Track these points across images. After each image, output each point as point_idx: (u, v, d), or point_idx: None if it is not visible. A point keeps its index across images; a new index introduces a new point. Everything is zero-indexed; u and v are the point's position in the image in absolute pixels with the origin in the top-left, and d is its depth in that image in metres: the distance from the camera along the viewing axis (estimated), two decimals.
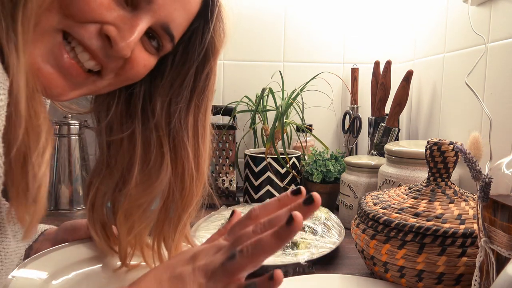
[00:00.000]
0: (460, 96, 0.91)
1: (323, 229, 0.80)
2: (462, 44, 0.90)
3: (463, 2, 0.87)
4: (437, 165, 0.65)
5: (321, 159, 1.06)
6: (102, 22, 0.44)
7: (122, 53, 0.46)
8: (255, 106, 1.14)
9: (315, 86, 1.17)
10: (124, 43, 0.45)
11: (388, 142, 1.06)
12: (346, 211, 0.95)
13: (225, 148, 1.13)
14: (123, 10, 0.46)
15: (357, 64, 1.27)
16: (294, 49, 1.29)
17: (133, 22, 0.46)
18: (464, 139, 0.74)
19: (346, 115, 1.27)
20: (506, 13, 0.75)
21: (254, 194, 1.08)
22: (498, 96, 0.76)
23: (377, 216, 0.63)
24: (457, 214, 0.60)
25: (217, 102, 1.26)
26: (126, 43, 0.46)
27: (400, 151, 0.82)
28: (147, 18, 0.47)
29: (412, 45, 1.20)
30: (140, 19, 0.47)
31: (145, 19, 0.47)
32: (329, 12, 1.28)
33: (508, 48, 0.74)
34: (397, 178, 0.81)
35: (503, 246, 0.45)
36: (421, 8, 1.15)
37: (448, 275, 0.58)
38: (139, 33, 0.47)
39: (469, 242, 0.57)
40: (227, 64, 1.28)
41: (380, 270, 0.63)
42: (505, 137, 0.73)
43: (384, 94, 1.15)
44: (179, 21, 0.51)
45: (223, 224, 0.84)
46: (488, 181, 0.46)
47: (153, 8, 0.47)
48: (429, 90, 1.08)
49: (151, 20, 0.48)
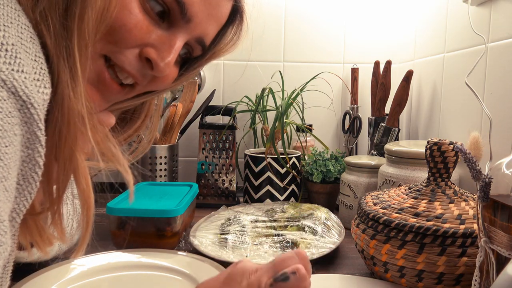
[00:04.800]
0: (460, 96, 0.91)
1: (323, 229, 0.80)
2: (462, 44, 0.90)
3: (463, 2, 0.87)
4: (437, 165, 0.65)
5: (321, 159, 1.06)
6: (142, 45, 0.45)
7: (162, 74, 0.47)
8: (255, 106, 1.14)
9: (315, 86, 1.17)
10: (163, 64, 0.46)
11: (388, 142, 1.06)
12: (346, 211, 0.95)
13: (225, 148, 1.13)
14: (160, 29, 0.47)
15: (357, 64, 1.27)
16: (294, 49, 1.29)
17: (171, 41, 0.47)
18: (464, 139, 0.74)
19: (346, 115, 1.27)
20: (506, 13, 0.75)
21: (254, 194, 1.08)
22: (498, 96, 0.76)
23: (377, 216, 0.63)
24: (457, 214, 0.60)
25: (217, 102, 1.26)
26: (165, 63, 0.47)
27: (400, 151, 0.82)
28: (184, 36, 0.48)
29: (412, 45, 1.20)
30: (177, 37, 0.47)
31: (182, 37, 0.48)
32: (329, 12, 1.28)
33: (508, 48, 0.74)
34: (397, 178, 0.81)
35: (503, 246, 0.45)
36: (421, 8, 1.15)
37: (448, 275, 0.58)
38: (177, 52, 0.48)
39: (469, 242, 0.57)
40: (227, 64, 1.28)
41: (380, 270, 0.63)
42: (505, 137, 0.73)
43: (384, 94, 1.15)
44: (212, 33, 0.52)
45: (223, 223, 0.84)
46: (488, 181, 0.46)
47: (190, 26, 0.48)
48: (429, 90, 1.08)
49: (187, 37, 0.49)
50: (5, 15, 0.34)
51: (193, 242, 0.77)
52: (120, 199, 0.82)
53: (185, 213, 0.81)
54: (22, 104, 0.33)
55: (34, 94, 0.34)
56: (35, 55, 0.36)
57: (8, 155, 0.32)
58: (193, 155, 1.27)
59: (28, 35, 0.36)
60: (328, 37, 1.29)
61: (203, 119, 1.15)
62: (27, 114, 0.34)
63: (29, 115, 0.34)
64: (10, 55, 0.33)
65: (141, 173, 1.09)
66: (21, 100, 0.33)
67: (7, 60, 0.33)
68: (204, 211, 0.98)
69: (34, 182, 0.36)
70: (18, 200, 0.35)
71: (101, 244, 0.80)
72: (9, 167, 0.32)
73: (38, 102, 0.35)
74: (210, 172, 1.13)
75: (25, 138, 0.34)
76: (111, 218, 0.78)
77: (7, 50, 0.33)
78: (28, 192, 0.36)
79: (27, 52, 0.35)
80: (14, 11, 0.36)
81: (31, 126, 0.34)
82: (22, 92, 0.33)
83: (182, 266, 0.68)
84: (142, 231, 0.77)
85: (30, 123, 0.34)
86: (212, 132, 1.13)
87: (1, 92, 0.32)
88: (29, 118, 0.34)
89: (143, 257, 0.71)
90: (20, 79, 0.33)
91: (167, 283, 0.65)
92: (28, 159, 0.35)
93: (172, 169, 1.14)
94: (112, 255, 0.71)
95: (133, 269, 0.68)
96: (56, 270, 0.65)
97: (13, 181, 0.34)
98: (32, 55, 0.36)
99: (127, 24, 0.43)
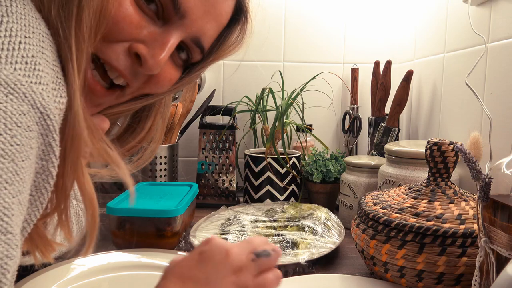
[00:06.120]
0: (460, 96, 0.91)
1: (323, 229, 0.80)
2: (462, 44, 0.90)
3: (463, 2, 0.87)
4: (437, 165, 0.65)
5: (321, 159, 1.06)
6: (132, 40, 0.43)
7: (152, 71, 0.45)
8: (255, 106, 1.14)
9: (315, 86, 1.17)
10: (153, 61, 0.44)
11: (388, 142, 1.06)
12: (346, 211, 0.95)
13: (225, 148, 1.13)
14: (154, 26, 0.45)
15: (357, 64, 1.27)
16: (294, 49, 1.29)
17: (164, 39, 0.45)
18: (464, 139, 0.74)
19: (346, 115, 1.27)
20: (506, 13, 0.75)
21: (254, 194, 1.08)
22: (498, 96, 0.76)
23: (377, 216, 0.63)
24: (457, 214, 0.60)
25: (217, 102, 1.26)
26: (156, 61, 0.44)
27: (400, 151, 0.82)
28: (178, 33, 0.46)
29: (412, 45, 1.20)
30: (171, 34, 0.45)
31: (176, 34, 0.46)
32: (329, 12, 1.28)
33: (508, 48, 0.74)
34: (397, 178, 0.81)
35: (503, 246, 0.45)
36: (421, 8, 1.15)
37: (448, 275, 0.58)
38: (170, 50, 0.45)
39: (469, 242, 0.57)
40: (227, 64, 1.28)
41: (380, 270, 0.63)
42: (505, 137, 0.73)
43: (384, 94, 1.15)
44: (210, 33, 0.50)
45: (223, 223, 0.84)
46: (488, 181, 0.46)
47: (185, 23, 0.46)
48: (429, 90, 1.08)
49: (182, 35, 0.46)
50: (26, 25, 0.34)
51: (193, 242, 0.77)
52: (120, 199, 0.82)
53: (185, 213, 0.81)
54: (39, 116, 0.33)
55: (50, 105, 0.34)
56: (53, 64, 0.36)
57: (24, 169, 0.32)
58: (193, 155, 1.27)
59: (48, 43, 0.36)
60: (328, 37, 1.29)
61: (203, 119, 1.15)
62: (43, 126, 0.34)
63: (46, 126, 0.34)
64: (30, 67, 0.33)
65: (141, 173, 1.09)
66: (39, 112, 0.33)
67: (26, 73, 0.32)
68: (204, 211, 0.98)
69: (46, 193, 0.36)
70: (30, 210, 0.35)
71: (101, 244, 0.80)
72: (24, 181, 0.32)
73: (54, 113, 0.34)
74: (210, 172, 1.13)
75: (40, 150, 0.34)
76: (111, 218, 0.78)
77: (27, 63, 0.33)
78: (40, 202, 0.35)
79: (47, 61, 0.35)
80: (35, 19, 0.35)
81: (47, 137, 0.34)
82: (39, 104, 0.33)
83: None
84: (142, 231, 0.77)
85: (46, 135, 0.34)
86: (212, 132, 1.13)
87: (21, 106, 0.32)
88: (45, 130, 0.34)
89: (143, 257, 0.71)
90: (38, 91, 0.33)
91: None
92: (42, 170, 0.35)
93: (172, 169, 1.14)
94: (112, 255, 0.71)
95: (133, 269, 0.68)
96: (56, 270, 0.65)
97: (27, 194, 0.34)
98: (51, 64, 0.35)
99: (115, 16, 0.41)
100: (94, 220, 0.42)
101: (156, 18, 0.45)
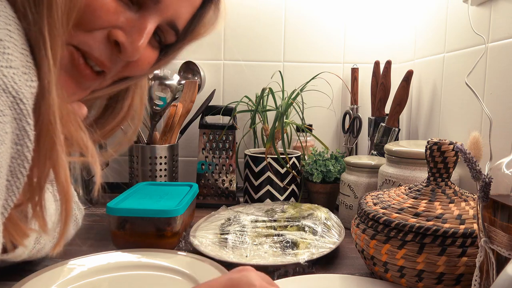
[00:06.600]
0: (460, 96, 0.91)
1: (323, 229, 0.80)
2: (462, 44, 0.90)
3: (463, 2, 0.87)
4: (437, 165, 0.65)
5: (321, 159, 1.06)
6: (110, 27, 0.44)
7: (131, 58, 0.45)
8: (255, 106, 1.14)
9: (315, 86, 1.17)
10: (132, 48, 0.45)
11: (388, 142, 1.06)
12: (346, 211, 0.95)
13: (225, 148, 1.13)
14: (129, 11, 0.45)
15: (357, 64, 1.27)
16: (294, 49, 1.29)
17: (141, 25, 0.45)
18: (464, 139, 0.74)
19: (346, 115, 1.27)
20: (506, 13, 0.75)
21: (254, 194, 1.08)
22: (498, 96, 0.76)
23: (377, 216, 0.63)
24: (457, 214, 0.60)
25: (217, 102, 1.26)
26: (135, 47, 0.45)
27: (400, 151, 0.82)
28: (154, 18, 0.46)
29: (412, 45, 1.20)
30: (147, 20, 0.46)
31: (153, 19, 0.46)
32: (329, 12, 1.28)
33: (508, 48, 0.74)
34: (397, 178, 0.81)
35: (503, 246, 0.45)
36: (421, 8, 1.15)
37: (448, 275, 0.58)
38: (148, 36, 0.46)
39: (469, 242, 0.57)
40: (227, 64, 1.28)
41: (380, 270, 0.63)
42: (505, 137, 0.73)
43: (384, 94, 1.15)
44: (185, 16, 0.50)
45: (223, 223, 0.84)
46: (488, 181, 0.46)
47: (160, 7, 0.46)
48: (429, 90, 1.08)
49: (158, 19, 0.47)
50: None
51: (193, 242, 0.77)
52: (120, 199, 0.82)
53: (185, 213, 0.81)
54: (12, 100, 0.33)
55: (23, 89, 0.34)
56: (21, 47, 0.35)
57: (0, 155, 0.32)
58: (193, 155, 1.27)
59: (15, 26, 0.35)
60: (328, 37, 1.29)
61: (203, 119, 1.15)
62: (17, 110, 0.33)
63: (19, 111, 0.33)
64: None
65: (141, 173, 1.09)
66: (11, 97, 0.33)
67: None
68: (204, 211, 0.98)
69: (22, 177, 0.35)
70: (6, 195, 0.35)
71: (101, 244, 0.80)
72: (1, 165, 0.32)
73: (26, 97, 0.34)
74: (210, 172, 1.13)
75: (15, 135, 0.34)
76: (111, 218, 0.78)
77: None
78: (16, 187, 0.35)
79: (16, 45, 0.34)
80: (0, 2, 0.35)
81: (21, 121, 0.34)
82: (11, 88, 0.33)
83: (182, 266, 0.68)
84: (142, 231, 0.77)
85: (19, 119, 0.34)
86: (212, 132, 1.13)
87: None
88: (19, 114, 0.34)
89: (143, 257, 0.71)
90: (9, 75, 0.33)
91: (167, 283, 0.65)
92: (17, 155, 0.34)
93: (172, 169, 1.14)
94: (112, 255, 0.71)
95: (133, 269, 0.68)
96: (56, 270, 0.65)
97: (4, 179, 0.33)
98: (19, 47, 0.35)
99: (91, 4, 0.41)
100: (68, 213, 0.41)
101: (131, 4, 0.45)
